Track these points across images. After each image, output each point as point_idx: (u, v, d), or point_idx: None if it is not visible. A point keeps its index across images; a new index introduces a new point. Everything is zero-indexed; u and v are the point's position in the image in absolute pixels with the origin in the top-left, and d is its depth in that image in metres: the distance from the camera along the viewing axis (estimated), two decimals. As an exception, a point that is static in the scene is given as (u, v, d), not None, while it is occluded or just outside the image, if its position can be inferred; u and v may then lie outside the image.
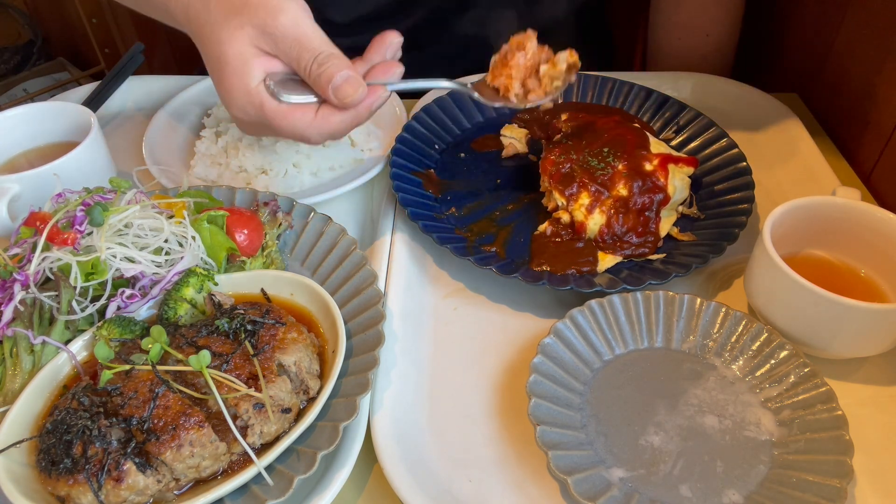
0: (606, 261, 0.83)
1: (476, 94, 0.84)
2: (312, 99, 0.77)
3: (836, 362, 0.74)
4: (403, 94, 1.09)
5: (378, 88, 0.77)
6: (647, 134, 0.93)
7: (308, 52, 0.74)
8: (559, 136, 0.95)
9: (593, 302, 0.74)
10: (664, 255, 0.84)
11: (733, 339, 0.72)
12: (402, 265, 0.84)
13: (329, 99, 0.75)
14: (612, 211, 0.85)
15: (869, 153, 1.00)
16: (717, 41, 1.21)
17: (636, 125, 0.98)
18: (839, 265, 0.79)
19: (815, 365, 0.68)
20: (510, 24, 1.26)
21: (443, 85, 0.83)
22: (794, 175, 0.97)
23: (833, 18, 1.09)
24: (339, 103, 0.75)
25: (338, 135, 0.79)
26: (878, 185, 0.98)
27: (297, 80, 0.78)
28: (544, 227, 0.88)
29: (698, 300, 0.74)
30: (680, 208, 0.90)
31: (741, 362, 0.71)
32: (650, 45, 1.29)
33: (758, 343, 0.71)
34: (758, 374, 0.70)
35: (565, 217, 0.86)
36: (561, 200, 0.86)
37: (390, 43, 0.80)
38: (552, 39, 1.37)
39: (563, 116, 0.96)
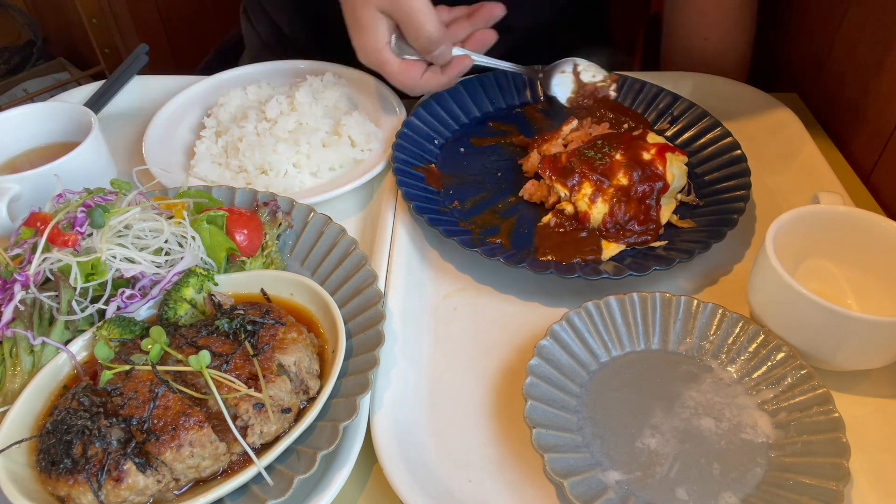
0: (610, 249, 0.84)
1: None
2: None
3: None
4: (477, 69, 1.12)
5: (465, 58, 0.98)
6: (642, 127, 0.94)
7: (420, 34, 0.91)
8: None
9: (590, 304, 0.74)
10: (665, 242, 0.85)
11: (730, 341, 0.72)
12: (402, 265, 0.84)
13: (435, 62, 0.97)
14: (615, 200, 0.86)
15: (869, 153, 1.00)
16: (715, 46, 1.20)
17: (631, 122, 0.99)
18: (844, 275, 0.78)
19: (811, 367, 0.68)
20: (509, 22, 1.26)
21: (512, 68, 1.05)
22: (794, 175, 0.97)
23: (833, 18, 1.09)
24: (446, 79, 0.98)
25: (430, 91, 1.02)
26: (878, 185, 0.98)
27: None
28: (548, 218, 0.89)
29: (695, 301, 0.74)
30: (679, 196, 0.91)
31: (738, 364, 0.71)
32: (662, 49, 1.29)
33: (754, 345, 0.71)
34: (754, 375, 0.70)
35: (569, 208, 0.87)
36: (563, 192, 0.87)
37: (492, 17, 1.00)
38: (552, 40, 1.36)
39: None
